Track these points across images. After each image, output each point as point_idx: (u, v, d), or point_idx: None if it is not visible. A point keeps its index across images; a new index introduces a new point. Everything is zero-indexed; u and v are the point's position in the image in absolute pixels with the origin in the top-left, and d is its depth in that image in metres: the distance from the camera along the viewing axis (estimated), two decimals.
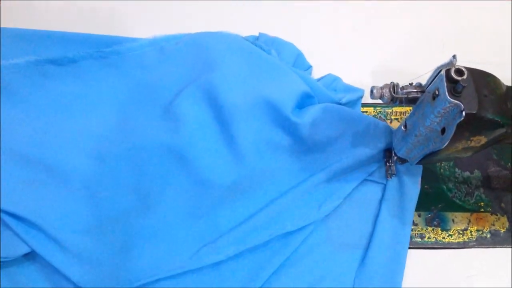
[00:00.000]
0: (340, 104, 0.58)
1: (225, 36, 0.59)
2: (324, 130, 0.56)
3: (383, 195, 0.56)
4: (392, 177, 0.55)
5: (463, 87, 0.38)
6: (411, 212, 0.55)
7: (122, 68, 0.59)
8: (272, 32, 0.65)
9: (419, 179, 0.56)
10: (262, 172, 0.56)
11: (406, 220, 0.54)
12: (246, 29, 0.65)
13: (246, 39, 0.61)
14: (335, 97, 0.58)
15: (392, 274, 0.52)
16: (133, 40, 0.60)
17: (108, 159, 0.55)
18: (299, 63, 0.64)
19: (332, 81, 0.62)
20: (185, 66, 0.58)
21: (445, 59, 0.42)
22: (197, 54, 0.58)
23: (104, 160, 0.55)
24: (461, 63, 0.40)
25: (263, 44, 0.61)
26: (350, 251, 0.54)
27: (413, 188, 0.55)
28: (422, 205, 0.56)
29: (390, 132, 0.56)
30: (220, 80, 0.55)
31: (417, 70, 0.49)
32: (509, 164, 0.59)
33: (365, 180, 0.57)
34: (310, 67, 0.64)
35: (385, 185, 0.56)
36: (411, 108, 0.48)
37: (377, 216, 0.55)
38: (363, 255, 0.53)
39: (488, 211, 0.57)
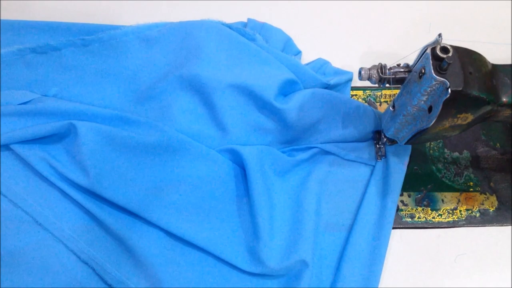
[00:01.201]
0: (329, 85, 0.59)
1: (208, 24, 0.59)
2: (313, 114, 0.56)
3: (370, 177, 0.56)
4: (382, 159, 0.56)
5: (449, 64, 0.39)
6: (397, 192, 0.55)
7: (105, 56, 0.59)
8: (261, 18, 0.65)
9: (407, 159, 0.56)
10: None
11: (390, 199, 0.54)
12: (235, 15, 0.65)
13: (232, 25, 0.61)
14: (324, 80, 0.58)
15: (374, 254, 0.51)
16: (116, 28, 0.60)
17: None
18: (288, 48, 0.64)
19: (321, 65, 0.62)
20: (168, 54, 0.59)
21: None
22: (180, 42, 0.58)
23: None
24: (447, 42, 0.41)
25: (248, 30, 0.61)
26: (336, 232, 0.54)
27: (399, 168, 0.55)
28: (412, 185, 0.57)
29: (379, 116, 0.56)
30: (204, 68, 0.55)
31: (405, 54, 0.49)
32: (498, 144, 0.60)
33: (355, 162, 0.57)
34: (299, 52, 0.64)
35: (374, 166, 0.56)
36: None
37: (363, 197, 0.55)
38: (348, 236, 0.53)
39: (477, 191, 0.58)
